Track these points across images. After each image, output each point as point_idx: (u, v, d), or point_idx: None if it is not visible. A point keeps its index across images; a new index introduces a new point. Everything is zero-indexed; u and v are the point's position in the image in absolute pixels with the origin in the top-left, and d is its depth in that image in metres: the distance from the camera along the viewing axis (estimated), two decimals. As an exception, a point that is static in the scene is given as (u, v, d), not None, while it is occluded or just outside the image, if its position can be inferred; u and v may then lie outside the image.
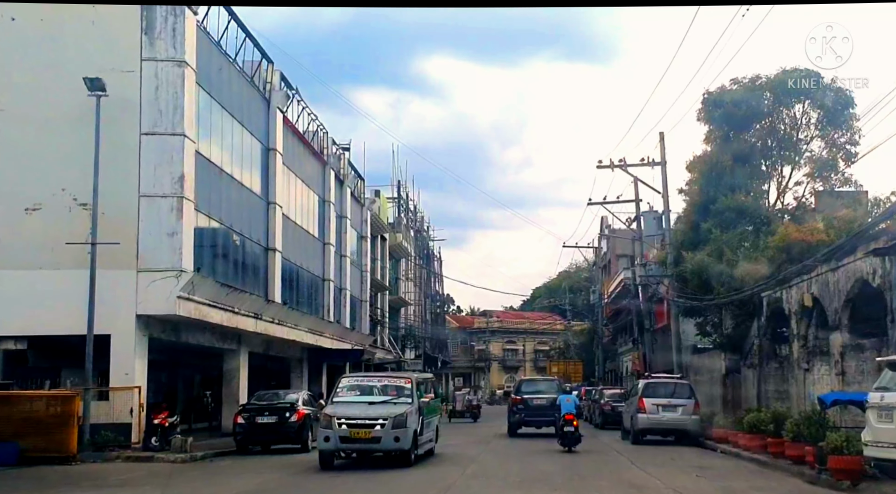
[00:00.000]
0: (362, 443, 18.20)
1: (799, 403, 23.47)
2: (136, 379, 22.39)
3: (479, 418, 43.10)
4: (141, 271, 22.32)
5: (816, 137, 33.88)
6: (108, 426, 21.64)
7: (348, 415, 18.27)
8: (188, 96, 23.07)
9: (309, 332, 34.69)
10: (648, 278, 38.63)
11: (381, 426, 18.06)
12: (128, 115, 22.38)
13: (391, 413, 18.25)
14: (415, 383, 19.97)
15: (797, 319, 24.26)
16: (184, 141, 22.84)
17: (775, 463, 18.45)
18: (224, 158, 27.02)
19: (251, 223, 29.63)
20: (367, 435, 18.03)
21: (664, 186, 34.35)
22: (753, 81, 33.88)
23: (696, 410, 26.59)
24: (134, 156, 22.53)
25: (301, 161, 35.91)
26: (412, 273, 67.82)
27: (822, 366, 22.34)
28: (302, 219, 36.06)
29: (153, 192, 22.63)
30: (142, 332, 22.72)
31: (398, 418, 18.17)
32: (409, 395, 19.33)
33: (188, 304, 22.96)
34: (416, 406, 19.05)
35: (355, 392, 19.76)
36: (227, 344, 28.56)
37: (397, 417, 18.17)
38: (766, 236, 30.17)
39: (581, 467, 19.01)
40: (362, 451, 18.65)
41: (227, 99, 27.00)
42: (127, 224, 22.29)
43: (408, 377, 21.06)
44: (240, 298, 26.69)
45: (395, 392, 19.53)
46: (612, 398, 37.21)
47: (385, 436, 18.02)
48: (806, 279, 23.35)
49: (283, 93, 32.20)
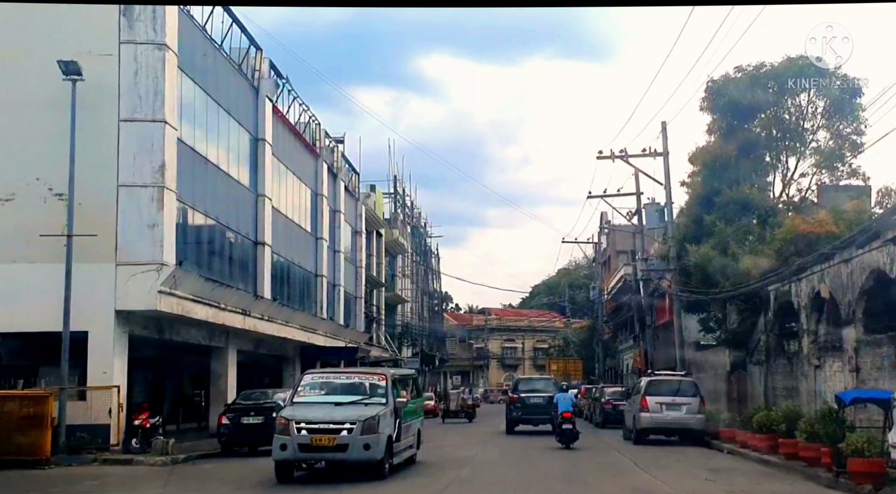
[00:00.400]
0: (325, 452, 15.66)
1: (809, 401, 22.46)
2: (115, 378, 21.34)
3: (474, 418, 41.31)
4: (120, 264, 21.26)
5: (822, 128, 33.06)
6: (85, 427, 20.58)
7: (309, 419, 15.68)
8: (169, 81, 22.00)
9: (301, 329, 33.64)
10: (650, 273, 37.59)
11: (347, 432, 15.48)
12: (105, 100, 21.31)
13: (360, 416, 15.73)
14: (390, 380, 17.25)
15: (807, 313, 23.24)
16: (164, 128, 21.78)
17: (788, 465, 17.43)
18: (209, 148, 25.95)
19: (239, 216, 28.57)
20: (332, 442, 15.46)
21: (666, 177, 33.34)
22: (758, 69, 32.99)
23: (702, 408, 25.61)
24: (112, 144, 21.46)
25: (292, 153, 34.86)
26: (409, 270, 66.84)
27: (834, 362, 21.31)
28: (293, 213, 35.01)
29: (133, 181, 21.56)
30: (121, 329, 21.66)
31: (368, 421, 15.65)
32: (383, 394, 16.72)
33: (170, 299, 21.90)
34: (391, 407, 16.55)
35: (319, 391, 17.10)
36: (214, 342, 27.52)
37: (367, 420, 15.66)
38: (771, 228, 29.30)
39: (583, 470, 17.98)
40: (327, 461, 16.19)
41: (212, 86, 25.93)
42: (105, 215, 21.23)
43: (382, 373, 18.12)
44: (226, 293, 25.64)
45: (367, 391, 16.87)
46: (614, 397, 36.36)
47: (353, 443, 15.46)
48: (817, 271, 22.32)
49: (272, 81, 31.14)
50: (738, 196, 30.92)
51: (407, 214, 66.72)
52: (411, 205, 68.64)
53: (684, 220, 34.98)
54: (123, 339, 21.80)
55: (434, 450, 21.65)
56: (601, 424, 35.80)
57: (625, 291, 50.16)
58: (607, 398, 36.60)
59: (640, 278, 40.00)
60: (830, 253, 20.71)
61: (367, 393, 16.82)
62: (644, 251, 40.74)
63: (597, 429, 34.83)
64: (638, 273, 39.59)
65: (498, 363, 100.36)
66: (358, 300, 47.07)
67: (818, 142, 33.21)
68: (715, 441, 24.29)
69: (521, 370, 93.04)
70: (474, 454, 21.94)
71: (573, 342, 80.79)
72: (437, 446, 23.18)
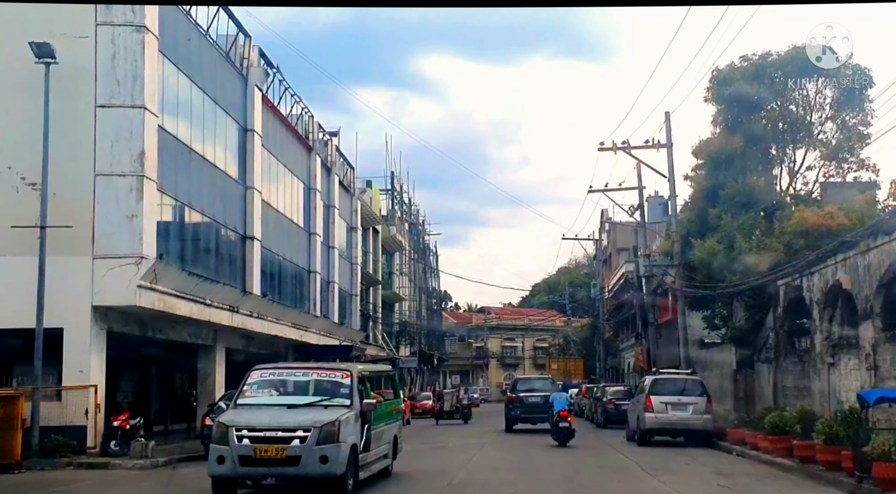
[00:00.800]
0: (273, 466, 12.86)
1: (822, 400, 21.37)
2: (92, 377, 20.24)
3: (470, 418, 39.49)
4: (97, 257, 20.15)
5: (829, 119, 32.13)
6: (60, 429, 19.54)
7: (253, 425, 12.92)
8: (149, 66, 20.90)
9: (293, 327, 32.54)
10: (653, 269, 36.55)
11: (300, 441, 12.72)
12: (81, 85, 20.22)
13: (317, 421, 12.92)
14: (356, 377, 14.31)
15: (820, 308, 22.13)
16: (144, 114, 20.66)
17: (805, 469, 16.35)
18: (194, 137, 24.85)
19: (226, 209, 27.46)
20: (280, 454, 12.72)
21: (670, 169, 32.27)
22: (764, 59, 32.00)
23: (709, 408, 24.57)
24: (88, 131, 20.36)
25: (284, 145, 33.76)
26: (407, 268, 65.76)
27: (849, 360, 20.20)
28: (285, 207, 33.91)
29: (110, 170, 20.45)
30: (99, 325, 20.55)
31: (327, 428, 12.88)
32: (346, 394, 13.88)
33: (151, 294, 20.79)
34: (356, 411, 13.73)
35: (270, 391, 14.28)
36: (201, 340, 26.41)
37: (326, 426, 12.88)
38: (780, 221, 28.31)
39: (586, 475, 16.86)
40: (276, 477, 13.30)
41: (196, 72, 24.83)
42: (81, 206, 20.13)
43: (346, 368, 14.85)
44: (212, 289, 24.53)
45: (328, 391, 14.08)
46: (616, 396, 35.37)
47: (307, 455, 12.68)
48: (830, 265, 21.23)
49: (261, 70, 30.01)
50: (745, 189, 29.98)
51: (405, 211, 65.64)
52: (409, 202, 67.58)
53: (688, 214, 34.02)
54: (101, 336, 20.70)
55: (421, 456, 20.25)
56: (603, 424, 34.85)
57: (626, 289, 49.24)
58: (609, 398, 35.59)
59: (642, 274, 38.98)
60: (852, 243, 19.56)
61: (327, 393, 14.01)
62: (646, 247, 39.69)
63: (598, 429, 33.86)
64: (640, 269, 38.53)
65: (498, 363, 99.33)
66: (353, 298, 45.98)
67: (826, 134, 32.30)
68: (723, 442, 23.29)
69: (522, 370, 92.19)
70: (469, 457, 20.69)
71: (574, 340, 79.90)
72: (431, 448, 22.12)
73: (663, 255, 36.54)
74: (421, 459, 19.57)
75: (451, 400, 38.59)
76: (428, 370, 73.26)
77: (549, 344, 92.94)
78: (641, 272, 38.35)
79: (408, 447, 18.89)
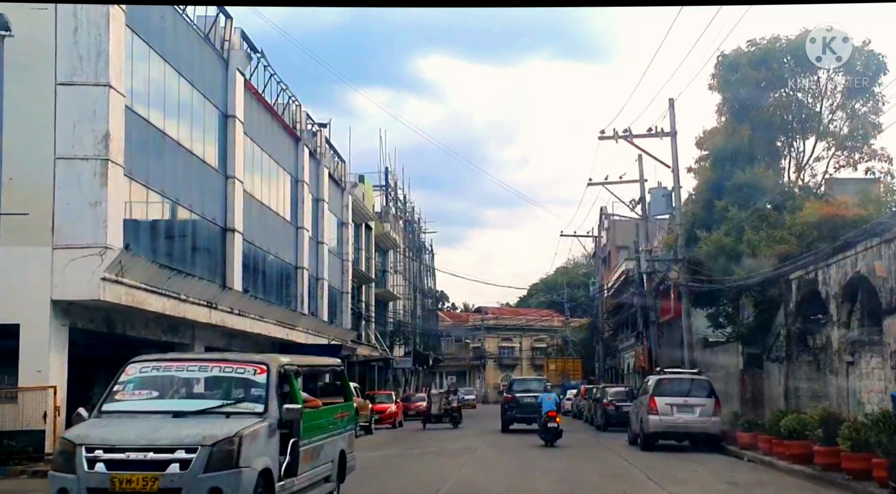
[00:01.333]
0: None
1: (841, 401, 19.85)
2: (51, 377, 18.68)
3: (460, 423, 35.75)
4: (57, 247, 18.59)
5: (840, 108, 30.77)
6: (14, 434, 17.96)
7: (112, 442, 9.22)
8: (115, 41, 19.34)
9: (278, 325, 31.00)
10: (655, 264, 35.05)
11: (181, 466, 9.04)
12: (40, 61, 18.66)
13: (207, 437, 9.24)
14: (275, 374, 10.35)
15: (837, 302, 20.60)
16: (109, 93, 19.10)
17: (828, 477, 14.81)
18: (168, 122, 23.30)
19: (205, 199, 25.91)
20: (151, 487, 8.97)
21: (674, 159, 30.79)
22: (773, 43, 30.57)
23: (717, 410, 23.07)
24: (48, 110, 18.80)
25: (269, 134, 32.21)
26: (401, 266, 64.21)
27: (871, 358, 18.67)
28: (270, 199, 32.38)
29: (72, 153, 18.89)
30: (60, 321, 18.99)
31: (222, 446, 9.18)
32: (259, 397, 10.10)
33: (117, 288, 19.24)
34: (271, 421, 9.91)
35: (149, 393, 10.49)
36: (177, 338, 24.86)
37: (220, 444, 9.18)
38: (790, 212, 26.89)
39: (587, 485, 15.36)
40: None
41: (171, 52, 23.28)
42: (39, 192, 18.57)
43: (261, 362, 10.63)
44: (188, 283, 22.98)
45: (232, 393, 10.36)
46: (616, 397, 33.93)
47: (190, 488, 9.03)
48: (850, 256, 19.71)
49: (243, 53, 28.45)
50: (752, 179, 28.53)
51: (399, 208, 64.11)
52: (404, 199, 66.05)
53: (692, 207, 32.59)
54: (62, 333, 19.14)
55: (394, 469, 18.40)
56: (603, 427, 33.42)
57: (626, 287, 47.82)
58: (609, 399, 34.13)
59: (644, 271, 37.48)
60: (874, 232, 18.04)
61: (232, 395, 10.31)
62: (648, 242, 38.18)
63: (598, 432, 32.44)
64: (642, 265, 37.01)
65: (495, 363, 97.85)
66: (344, 296, 44.43)
67: (836, 123, 30.96)
68: (732, 447, 21.77)
69: (519, 370, 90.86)
70: (460, 464, 19.13)
71: (572, 341, 78.56)
72: (424, 452, 20.50)
73: (666, 250, 35.08)
74: (394, 473, 17.87)
75: (440, 402, 35.45)
76: (423, 370, 71.72)
77: (548, 344, 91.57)
78: (643, 268, 36.85)
79: (397, 451, 17.28)
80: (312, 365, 13.22)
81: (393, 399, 39.51)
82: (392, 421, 36.98)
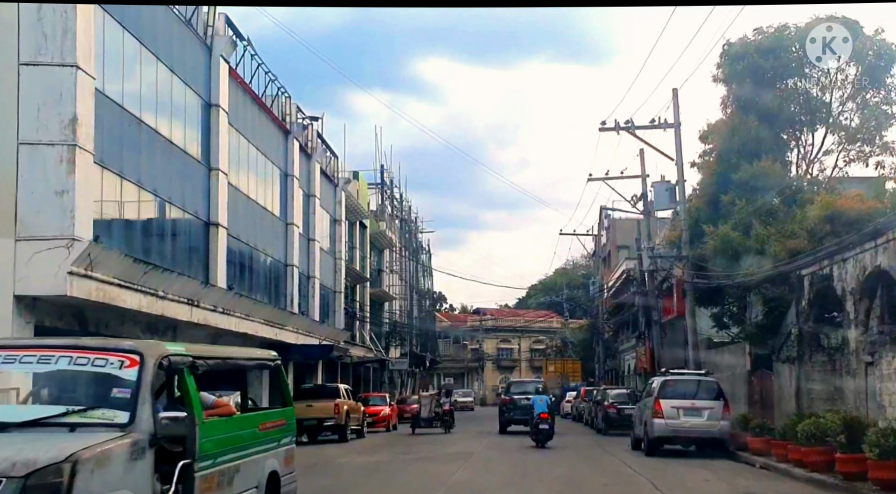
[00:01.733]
0: None
1: (859, 404, 18.61)
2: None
3: (452, 426, 33.71)
4: (20, 239, 17.28)
5: (850, 99, 29.65)
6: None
7: None
8: (83, 19, 18.07)
9: (266, 324, 29.69)
10: (658, 261, 33.83)
11: None
12: (1, 39, 17.42)
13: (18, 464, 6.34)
14: (151, 368, 7.51)
15: (855, 299, 19.36)
16: (76, 74, 17.82)
17: (853, 488, 13.56)
18: (145, 108, 22.03)
19: (185, 191, 24.65)
20: None
21: (678, 151, 29.54)
22: (781, 31, 29.43)
23: (726, 414, 21.83)
24: (10, 92, 17.49)
25: (256, 126, 30.95)
26: (398, 266, 62.93)
27: (893, 358, 17.43)
28: (257, 193, 31.10)
29: (37, 139, 17.59)
30: (24, 318, 17.65)
31: (40, 479, 6.29)
32: (124, 401, 7.32)
33: (86, 282, 17.94)
34: (140, 435, 7.14)
35: None
36: (157, 337, 23.44)
37: (37, 475, 6.29)
38: (800, 206, 25.73)
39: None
40: None
41: (148, 35, 22.02)
42: (1, 179, 17.32)
43: (132, 350, 7.69)
44: (167, 279, 21.68)
45: (86, 394, 7.77)
46: (618, 400, 32.77)
47: None
48: (869, 249, 18.48)
49: (228, 40, 27.19)
50: (759, 173, 27.36)
51: (395, 206, 62.85)
52: (400, 197, 64.78)
53: (696, 202, 31.43)
54: (27, 330, 17.75)
55: (382, 477, 16.88)
56: (604, 430, 32.24)
57: (626, 287, 46.64)
58: (611, 402, 32.92)
59: (646, 268, 36.24)
60: None
61: (84, 398, 7.69)
62: (650, 240, 36.94)
63: (599, 436, 31.24)
64: (644, 263, 35.76)
65: (493, 365, 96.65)
66: (337, 295, 43.13)
67: (846, 114, 29.83)
68: (742, 452, 20.52)
69: (518, 372, 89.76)
70: (453, 471, 17.86)
71: (571, 342, 77.42)
72: (417, 458, 19.19)
73: (669, 247, 33.86)
74: (381, 481, 16.45)
75: (430, 405, 33.14)
76: (420, 372, 70.44)
77: (546, 346, 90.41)
78: (646, 266, 35.60)
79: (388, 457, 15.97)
80: (227, 358, 9.79)
81: (387, 402, 38.25)
82: (386, 425, 35.69)
